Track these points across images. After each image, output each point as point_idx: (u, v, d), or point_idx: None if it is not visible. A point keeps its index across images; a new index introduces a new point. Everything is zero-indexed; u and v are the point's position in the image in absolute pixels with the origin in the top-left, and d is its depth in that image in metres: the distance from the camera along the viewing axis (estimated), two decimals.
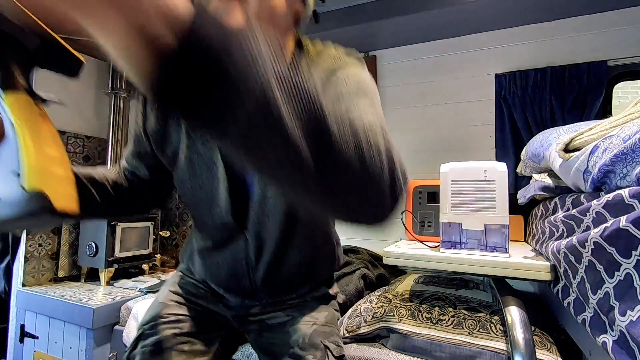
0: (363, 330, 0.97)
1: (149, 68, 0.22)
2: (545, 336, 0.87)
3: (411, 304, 0.98)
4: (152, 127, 0.66)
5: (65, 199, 0.43)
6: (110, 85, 2.00)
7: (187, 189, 0.68)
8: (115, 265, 1.83)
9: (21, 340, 1.70)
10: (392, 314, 0.95)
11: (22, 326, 1.71)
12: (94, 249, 1.80)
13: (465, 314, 0.91)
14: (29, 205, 0.40)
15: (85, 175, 0.58)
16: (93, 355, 1.47)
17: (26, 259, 1.77)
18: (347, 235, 1.93)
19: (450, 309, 0.94)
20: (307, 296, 0.80)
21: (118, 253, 1.84)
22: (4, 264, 1.85)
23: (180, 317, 0.75)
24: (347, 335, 1.00)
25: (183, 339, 0.71)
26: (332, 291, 0.85)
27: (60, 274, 1.90)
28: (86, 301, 1.52)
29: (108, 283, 1.83)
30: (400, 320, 0.92)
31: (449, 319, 0.90)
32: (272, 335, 0.75)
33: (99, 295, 1.64)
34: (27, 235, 1.78)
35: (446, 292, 1.05)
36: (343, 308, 1.23)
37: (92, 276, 1.90)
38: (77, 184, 0.50)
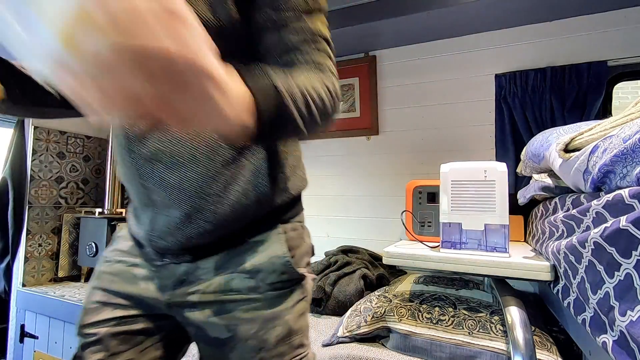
0: (363, 330, 0.97)
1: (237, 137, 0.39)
2: (545, 336, 0.87)
3: (411, 304, 0.98)
4: None
5: None
6: None
7: None
8: None
9: (21, 340, 1.71)
10: (392, 314, 0.95)
11: (22, 326, 1.71)
12: (94, 249, 1.80)
13: (465, 314, 0.91)
14: None
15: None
16: None
17: (26, 259, 1.77)
18: (347, 235, 1.93)
19: (450, 309, 0.94)
20: (262, 282, 0.56)
21: None
22: (4, 264, 1.85)
23: (101, 330, 0.61)
24: (346, 334, 1.00)
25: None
26: (299, 267, 0.58)
27: (60, 274, 1.90)
28: None
29: None
30: (400, 320, 0.92)
31: (449, 319, 0.90)
32: (211, 353, 0.59)
33: None
34: (27, 235, 1.78)
35: (446, 292, 1.05)
36: (343, 308, 1.23)
37: None
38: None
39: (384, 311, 0.98)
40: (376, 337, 0.99)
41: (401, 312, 0.95)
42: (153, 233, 0.58)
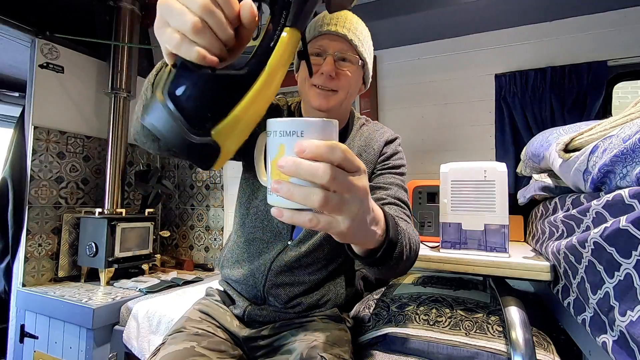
0: (360, 339, 0.97)
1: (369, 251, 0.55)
2: (543, 335, 0.87)
3: (409, 307, 0.98)
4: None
5: (224, 159, 0.41)
6: (110, 85, 2.00)
7: (254, 189, 0.87)
8: (115, 265, 1.83)
9: (21, 340, 1.71)
10: (390, 322, 0.94)
11: (22, 326, 1.71)
12: (94, 249, 1.80)
13: (462, 315, 0.91)
14: (202, 151, 0.38)
15: None
16: (93, 355, 1.47)
17: (26, 259, 1.77)
18: None
19: (447, 310, 0.93)
20: (316, 316, 0.85)
21: (118, 253, 1.84)
22: (4, 264, 1.85)
23: (200, 331, 0.80)
24: None
25: (199, 352, 0.74)
26: (343, 314, 0.90)
27: (60, 274, 1.90)
28: (86, 301, 1.52)
29: (108, 283, 1.83)
30: (397, 325, 0.92)
31: (446, 320, 0.90)
32: (276, 358, 0.78)
33: (99, 295, 1.64)
34: (27, 235, 1.78)
35: (444, 293, 1.05)
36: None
37: (92, 276, 1.90)
38: None
39: (382, 319, 0.98)
40: (374, 342, 0.99)
41: (399, 319, 0.95)
42: None
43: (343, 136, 0.91)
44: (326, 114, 0.82)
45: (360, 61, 0.82)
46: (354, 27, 0.81)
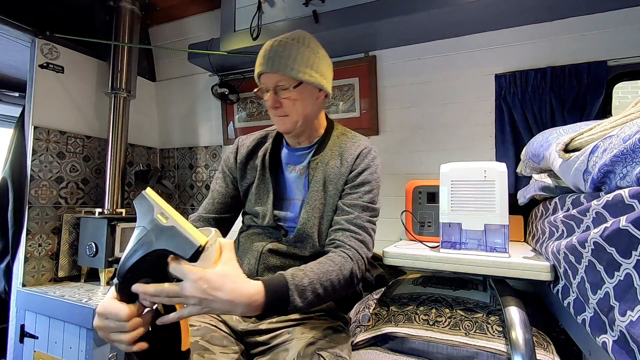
0: (359, 338, 0.97)
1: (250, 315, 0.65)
2: (542, 335, 0.87)
3: (409, 307, 0.98)
4: (240, 173, 1.03)
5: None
6: (110, 85, 2.00)
7: (252, 202, 1.00)
8: (115, 265, 1.83)
9: (21, 340, 1.71)
10: (390, 322, 0.94)
11: (22, 326, 1.71)
12: (94, 249, 1.80)
13: (461, 315, 0.91)
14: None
15: None
16: (93, 355, 1.47)
17: (26, 259, 1.77)
18: None
19: (447, 310, 0.93)
20: (313, 313, 0.88)
21: (118, 253, 1.84)
22: (4, 264, 1.85)
23: (203, 325, 0.84)
24: None
25: (203, 346, 0.78)
26: (341, 313, 0.92)
27: (60, 274, 1.89)
28: (86, 301, 1.52)
29: (108, 283, 1.83)
30: (397, 324, 0.92)
31: (445, 320, 0.90)
32: (273, 356, 0.81)
33: (99, 295, 1.64)
34: (27, 235, 1.78)
35: (443, 293, 1.05)
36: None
37: (92, 276, 1.90)
38: None
39: (382, 319, 0.98)
40: (373, 342, 0.99)
41: (399, 318, 0.95)
42: None
43: (319, 148, 0.99)
44: (292, 135, 0.97)
45: (294, 83, 0.88)
46: (279, 56, 0.87)
